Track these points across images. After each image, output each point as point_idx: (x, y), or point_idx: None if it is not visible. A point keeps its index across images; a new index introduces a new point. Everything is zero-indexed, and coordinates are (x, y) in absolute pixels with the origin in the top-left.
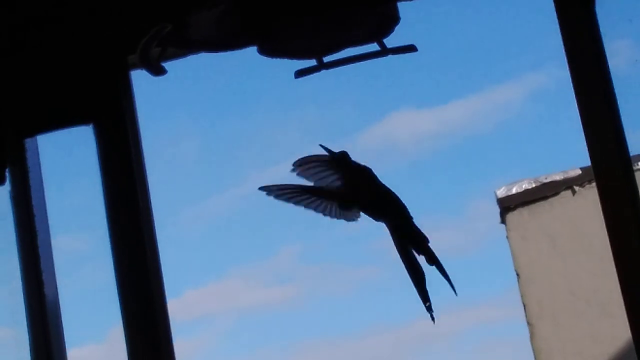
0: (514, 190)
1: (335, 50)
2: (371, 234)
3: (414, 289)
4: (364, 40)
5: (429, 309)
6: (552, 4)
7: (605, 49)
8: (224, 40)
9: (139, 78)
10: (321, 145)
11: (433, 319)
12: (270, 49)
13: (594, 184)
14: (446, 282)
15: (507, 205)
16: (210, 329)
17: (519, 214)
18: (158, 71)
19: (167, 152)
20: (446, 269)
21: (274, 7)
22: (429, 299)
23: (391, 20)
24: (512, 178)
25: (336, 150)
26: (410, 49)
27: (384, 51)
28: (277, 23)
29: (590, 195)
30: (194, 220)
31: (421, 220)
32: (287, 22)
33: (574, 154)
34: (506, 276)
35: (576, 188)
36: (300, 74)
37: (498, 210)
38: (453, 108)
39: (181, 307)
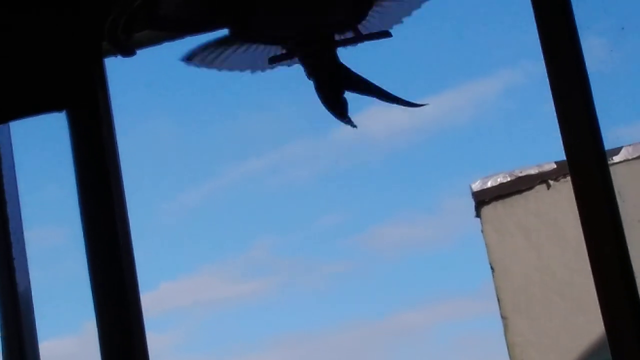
0: (489, 184)
1: (308, 35)
2: (344, 229)
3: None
4: (338, 26)
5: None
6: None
7: (581, 44)
8: (194, 21)
9: (115, 67)
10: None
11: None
12: (243, 34)
13: (568, 178)
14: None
15: (482, 199)
16: (184, 322)
17: (494, 207)
18: (127, 51)
19: (141, 143)
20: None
21: None
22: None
23: (365, 4)
24: (487, 172)
25: None
26: (385, 34)
27: (358, 37)
28: (249, 7)
29: (564, 190)
30: (168, 213)
31: (396, 215)
32: (260, 6)
33: (548, 148)
34: (481, 270)
35: (551, 182)
36: (273, 60)
37: (473, 204)
38: (427, 102)
39: (156, 300)
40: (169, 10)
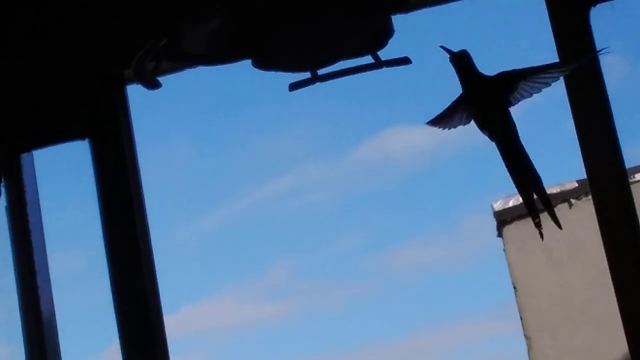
0: (510, 204)
1: (330, 63)
2: (364, 250)
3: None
4: (358, 52)
5: (538, 225)
6: (545, 19)
7: (601, 63)
8: (218, 54)
9: (134, 92)
10: (442, 47)
11: (541, 235)
12: (264, 63)
13: (590, 196)
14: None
15: (504, 219)
16: (205, 346)
17: (516, 227)
18: (153, 85)
19: (161, 167)
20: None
21: (267, 22)
22: (537, 215)
23: (385, 32)
24: (508, 192)
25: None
26: (405, 61)
27: (378, 63)
28: (270, 37)
29: (586, 208)
30: (189, 238)
31: (417, 235)
32: (281, 35)
33: (570, 167)
34: (503, 290)
35: (573, 201)
36: (294, 87)
37: (494, 223)
38: None
39: (176, 323)
40: (193, 47)
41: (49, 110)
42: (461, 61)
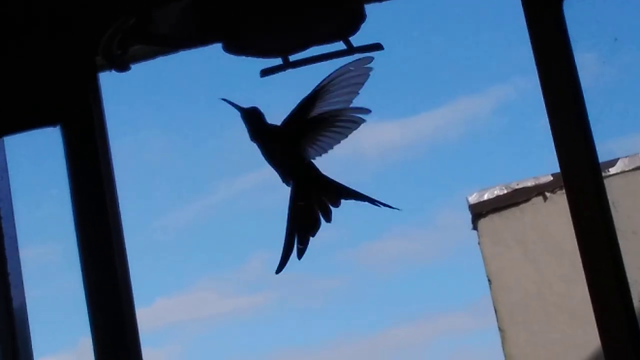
0: (485, 197)
1: (302, 48)
2: (340, 244)
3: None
4: (330, 38)
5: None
6: (518, 15)
7: (574, 57)
8: (188, 36)
9: (107, 81)
10: (224, 99)
11: (300, 254)
12: (235, 47)
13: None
14: (381, 206)
15: (479, 212)
16: (180, 338)
17: (491, 220)
18: (122, 66)
19: (134, 157)
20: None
21: (238, 4)
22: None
23: (357, 17)
24: (483, 185)
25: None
26: (376, 47)
27: (350, 50)
28: (242, 20)
29: (561, 201)
30: (164, 230)
31: (391, 229)
32: (252, 19)
33: (545, 160)
34: (478, 283)
35: (547, 194)
36: (265, 73)
37: (469, 217)
38: (419, 120)
39: (151, 316)
40: (162, 28)
41: (19, 96)
42: (252, 117)
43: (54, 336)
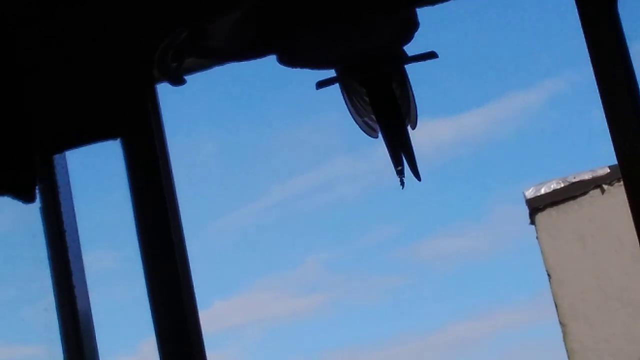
0: (542, 191)
1: (356, 59)
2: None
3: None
4: (385, 49)
5: (400, 172)
6: (568, 9)
7: (629, 50)
8: (242, 48)
9: (164, 92)
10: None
11: (402, 183)
12: (289, 59)
13: (622, 182)
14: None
15: (536, 206)
16: (240, 340)
17: (548, 214)
18: (177, 80)
19: (189, 164)
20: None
21: (291, 17)
22: (402, 163)
23: (410, 26)
24: (539, 179)
25: None
26: (431, 55)
27: (404, 59)
28: (295, 32)
29: (619, 194)
30: (220, 233)
31: (448, 226)
32: (305, 31)
33: (601, 153)
34: (537, 277)
35: (605, 187)
36: (321, 85)
37: (526, 211)
38: (471, 116)
39: (210, 318)
40: (218, 42)
41: (80, 112)
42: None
43: (118, 340)
